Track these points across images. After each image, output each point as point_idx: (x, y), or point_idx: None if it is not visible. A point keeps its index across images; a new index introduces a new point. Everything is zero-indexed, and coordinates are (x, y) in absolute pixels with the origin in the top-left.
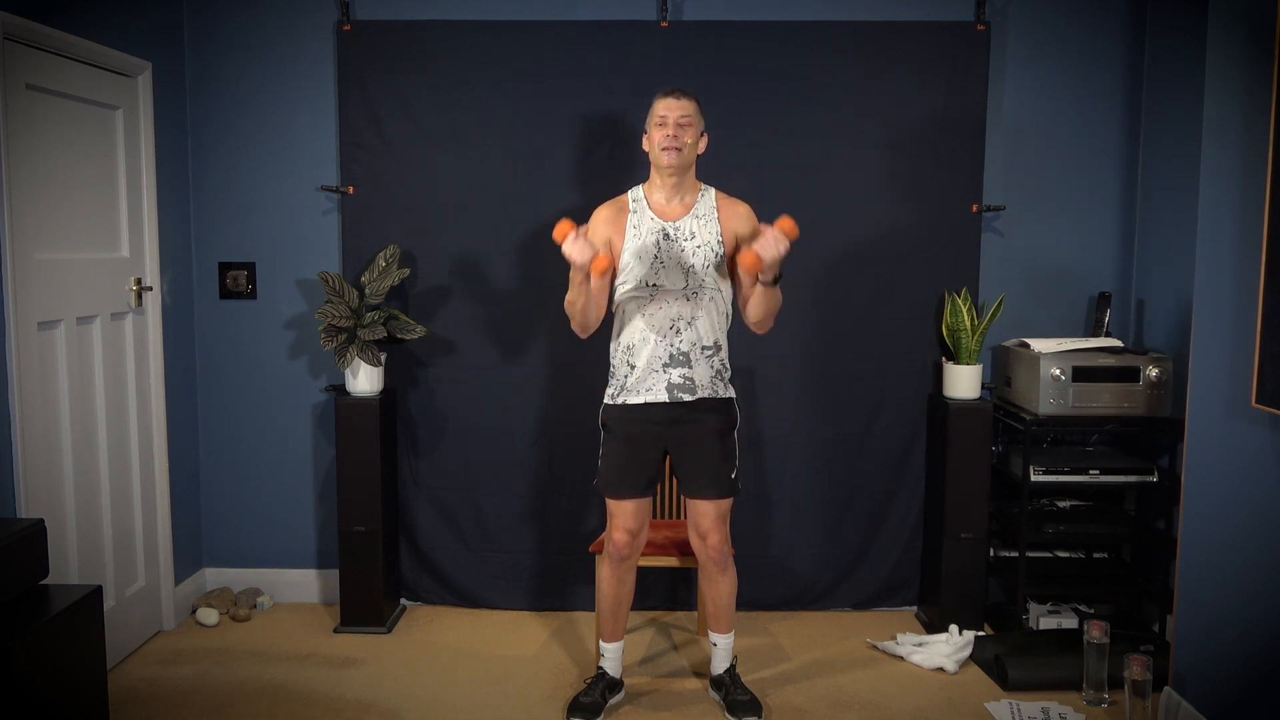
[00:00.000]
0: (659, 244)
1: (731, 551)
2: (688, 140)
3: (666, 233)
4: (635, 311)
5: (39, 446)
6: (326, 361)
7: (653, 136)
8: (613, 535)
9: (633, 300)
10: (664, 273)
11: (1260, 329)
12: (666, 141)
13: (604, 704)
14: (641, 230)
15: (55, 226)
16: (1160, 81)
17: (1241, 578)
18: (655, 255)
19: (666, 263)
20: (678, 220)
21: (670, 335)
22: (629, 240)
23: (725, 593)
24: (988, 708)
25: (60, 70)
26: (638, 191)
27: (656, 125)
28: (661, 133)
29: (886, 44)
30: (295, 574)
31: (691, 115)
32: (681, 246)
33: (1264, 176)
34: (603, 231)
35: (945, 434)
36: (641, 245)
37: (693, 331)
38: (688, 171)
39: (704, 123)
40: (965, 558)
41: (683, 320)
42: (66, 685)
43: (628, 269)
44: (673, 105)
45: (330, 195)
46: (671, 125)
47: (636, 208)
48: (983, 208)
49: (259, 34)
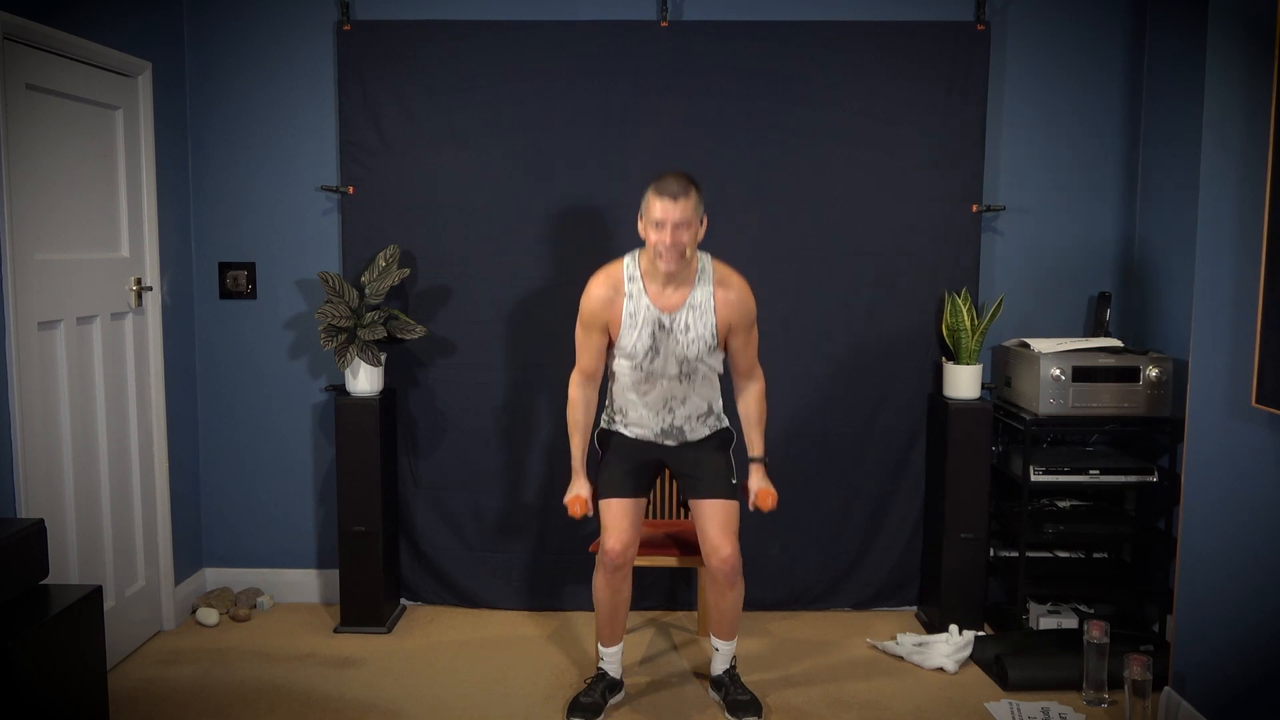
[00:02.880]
0: (654, 335)
1: (742, 563)
2: (686, 241)
3: (662, 323)
4: (629, 386)
5: (39, 446)
6: (326, 361)
7: (649, 236)
8: (606, 543)
9: (629, 374)
10: (658, 361)
11: (1260, 329)
12: (665, 249)
13: (604, 704)
14: (638, 320)
15: (55, 226)
16: (1160, 81)
17: (1241, 578)
18: (650, 346)
19: (661, 351)
20: (674, 312)
21: (663, 412)
22: (625, 329)
23: (732, 605)
24: (988, 708)
25: (60, 70)
26: (634, 268)
27: (654, 226)
28: (659, 236)
29: (886, 44)
30: (295, 574)
31: (691, 214)
32: (677, 339)
33: (1264, 176)
34: (600, 316)
35: (945, 434)
36: (637, 336)
37: (686, 408)
38: (686, 267)
39: (703, 207)
40: (965, 558)
41: (675, 399)
42: (66, 685)
43: (623, 350)
44: (671, 209)
45: (330, 195)
46: (670, 231)
47: (632, 290)
48: (983, 208)
49: (259, 34)
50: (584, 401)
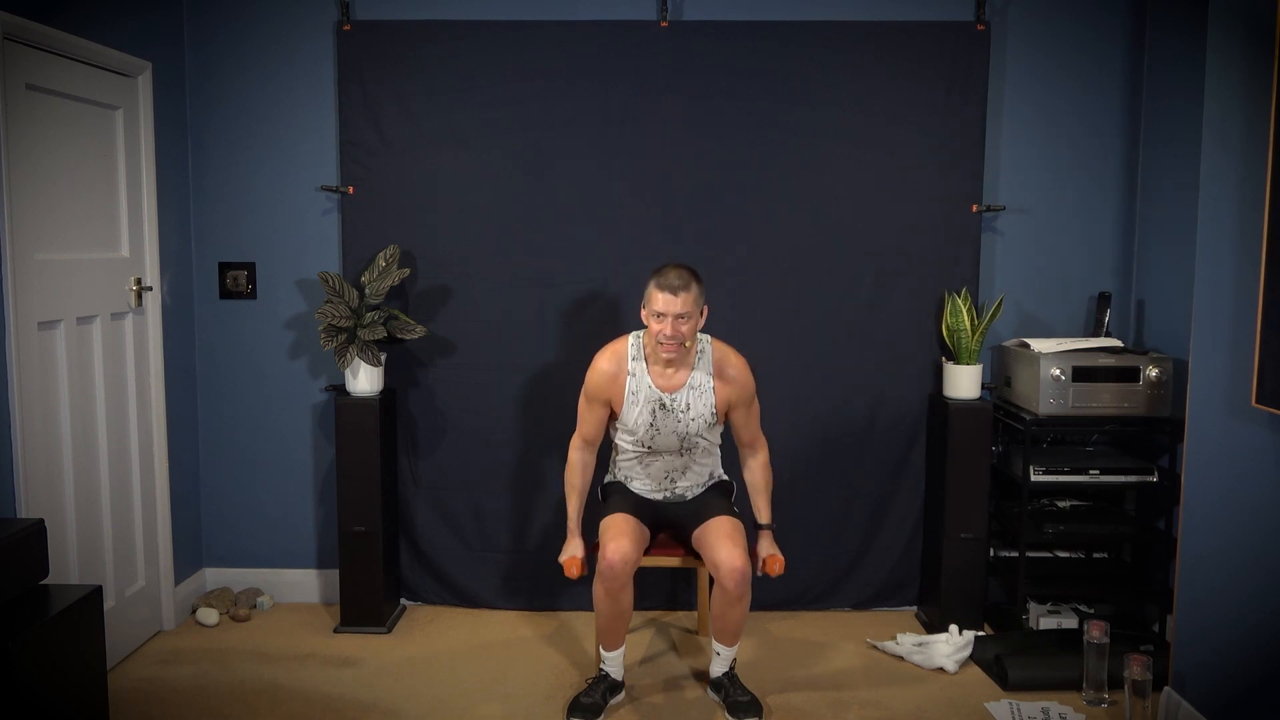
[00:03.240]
0: (654, 413)
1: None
2: (686, 332)
3: (663, 403)
4: (633, 460)
5: (39, 446)
6: (326, 361)
7: (651, 327)
8: (605, 555)
9: (631, 447)
10: (659, 438)
11: (1260, 329)
12: (666, 339)
13: (604, 705)
14: (639, 398)
15: (55, 226)
16: (1160, 81)
17: (1241, 578)
18: (650, 423)
19: (662, 430)
20: (674, 393)
21: (665, 482)
22: (627, 405)
23: (738, 616)
24: (988, 708)
25: (60, 70)
26: (637, 349)
27: (655, 318)
28: (660, 326)
29: (886, 44)
30: (295, 574)
31: (691, 306)
32: (677, 418)
33: (1264, 176)
34: (604, 391)
35: (945, 434)
36: (639, 414)
37: (686, 478)
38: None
39: (703, 298)
40: (965, 558)
41: (676, 470)
42: (66, 685)
43: (624, 426)
44: (672, 302)
45: (330, 195)
46: (670, 324)
47: (635, 370)
48: (983, 208)
49: (259, 34)
50: (582, 466)
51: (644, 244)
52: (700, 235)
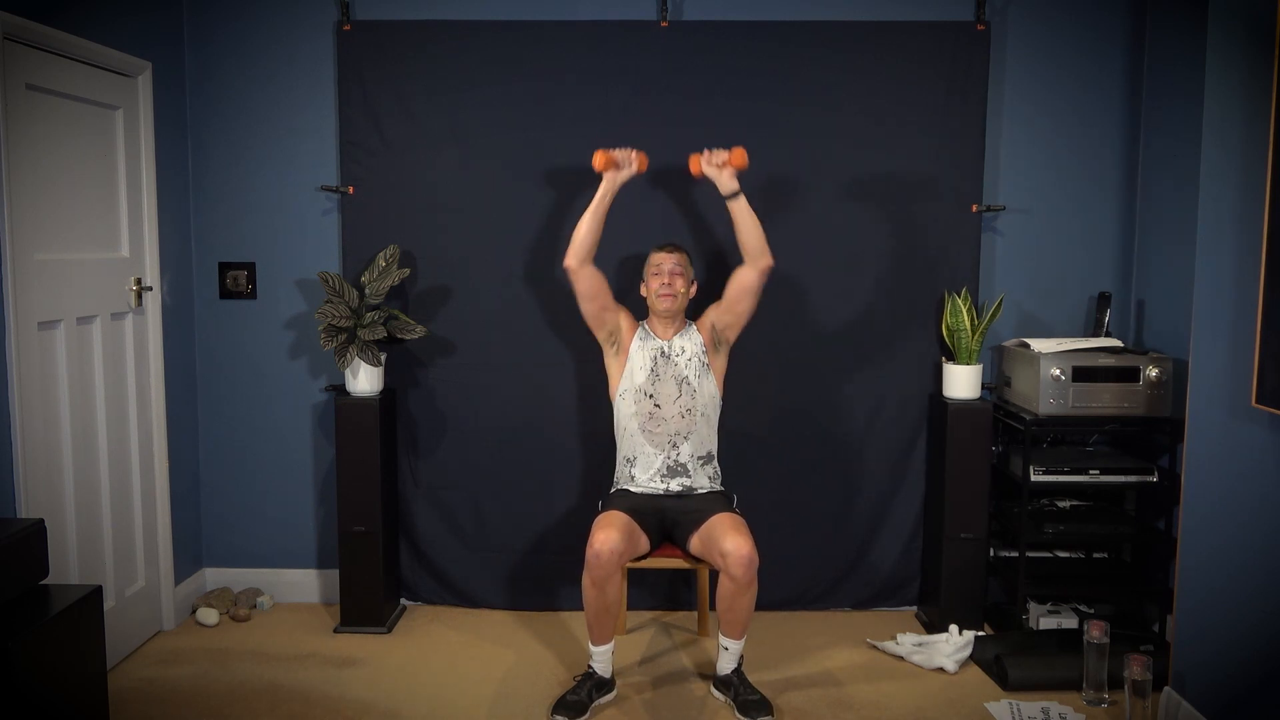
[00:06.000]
0: (655, 360)
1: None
2: (680, 288)
3: (663, 350)
4: (636, 429)
5: (39, 446)
6: (326, 361)
7: (650, 285)
8: (592, 544)
9: (634, 418)
10: (659, 383)
11: (1260, 329)
12: (662, 289)
13: (589, 703)
14: (645, 345)
15: (55, 226)
16: (1160, 81)
17: (1241, 578)
18: (652, 369)
19: (662, 375)
20: (670, 340)
21: (669, 449)
22: (633, 350)
23: (748, 604)
24: (988, 708)
25: (60, 70)
26: (645, 326)
27: (653, 274)
28: (658, 281)
29: (886, 44)
30: (295, 574)
31: (683, 265)
32: (674, 361)
33: (1264, 176)
34: (623, 318)
35: (945, 434)
36: (643, 359)
37: (689, 445)
38: (680, 315)
39: (693, 272)
40: (965, 558)
41: (680, 435)
42: (66, 685)
43: (630, 379)
44: (666, 257)
45: (330, 195)
46: (666, 274)
47: (642, 333)
48: (983, 208)
49: (259, 34)
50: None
51: (644, 243)
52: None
